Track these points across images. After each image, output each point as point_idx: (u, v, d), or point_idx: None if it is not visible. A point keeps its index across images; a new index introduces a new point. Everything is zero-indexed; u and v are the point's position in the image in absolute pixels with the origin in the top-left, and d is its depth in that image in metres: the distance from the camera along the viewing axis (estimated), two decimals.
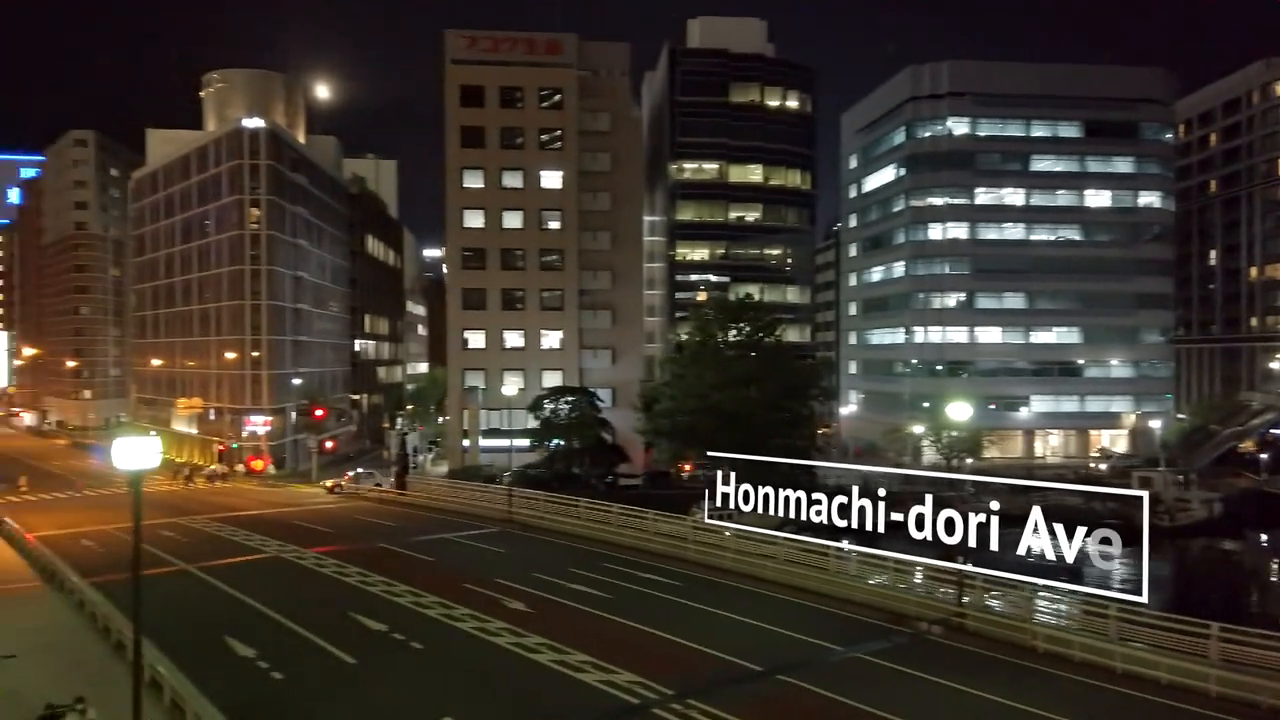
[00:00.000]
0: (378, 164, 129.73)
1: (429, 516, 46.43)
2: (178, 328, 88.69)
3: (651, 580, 30.05)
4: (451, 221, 73.52)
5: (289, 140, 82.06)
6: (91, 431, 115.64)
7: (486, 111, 72.79)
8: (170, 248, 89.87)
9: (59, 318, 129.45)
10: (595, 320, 74.22)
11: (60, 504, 56.49)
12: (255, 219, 75.52)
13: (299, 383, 79.47)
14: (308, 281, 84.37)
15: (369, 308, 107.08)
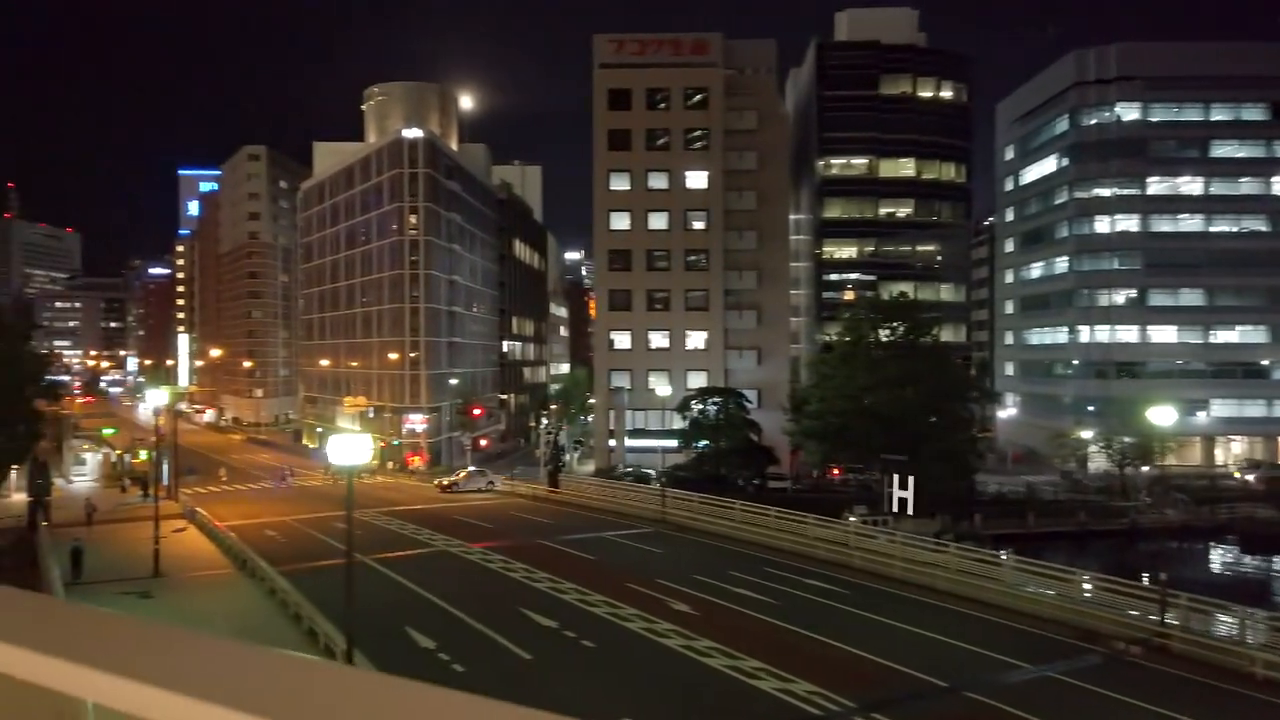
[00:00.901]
0: (523, 170, 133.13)
1: (582, 514, 47.04)
2: (341, 330, 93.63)
3: (816, 586, 29.30)
4: (598, 224, 74.54)
5: (444, 149, 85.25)
6: (263, 428, 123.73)
7: (633, 114, 73.44)
8: (335, 254, 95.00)
9: (234, 321, 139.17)
10: (740, 320, 73.64)
11: (241, 496, 60.46)
12: (413, 225, 78.78)
13: (454, 382, 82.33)
14: (461, 285, 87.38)
15: (516, 310, 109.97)
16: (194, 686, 0.88)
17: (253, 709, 0.82)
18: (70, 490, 60.95)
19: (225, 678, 0.93)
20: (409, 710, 0.85)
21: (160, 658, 0.97)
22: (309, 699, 0.86)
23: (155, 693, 0.88)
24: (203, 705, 0.84)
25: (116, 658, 0.95)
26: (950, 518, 52.17)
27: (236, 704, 0.83)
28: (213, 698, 0.85)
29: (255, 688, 0.89)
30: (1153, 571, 33.08)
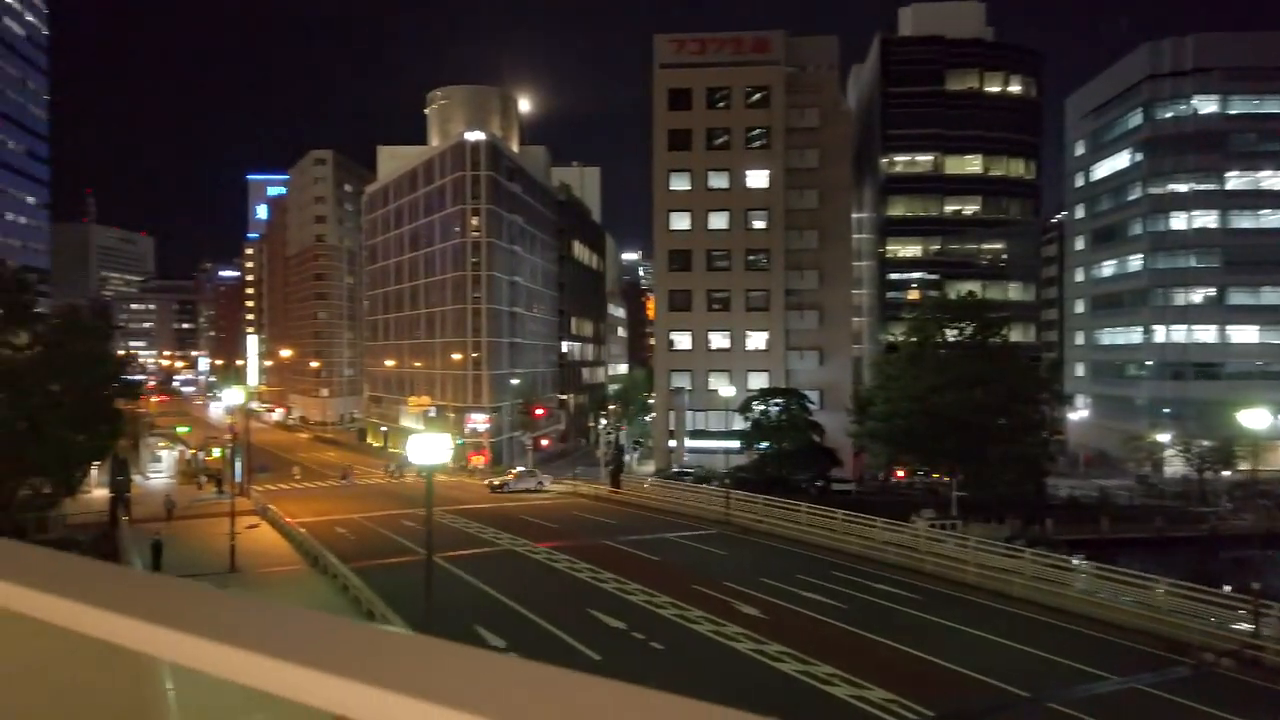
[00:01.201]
0: (582, 171, 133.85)
1: (644, 515, 47.00)
2: (405, 330, 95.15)
3: (886, 591, 28.78)
4: (658, 224, 74.49)
5: (505, 151, 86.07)
6: (329, 427, 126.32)
7: (693, 114, 73.26)
8: (399, 256, 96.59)
9: (300, 322, 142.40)
10: (802, 321, 72.93)
11: (310, 493, 61.75)
12: (476, 227, 79.66)
13: (515, 383, 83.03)
14: (522, 285, 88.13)
15: (575, 310, 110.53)
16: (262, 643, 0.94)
17: (339, 671, 0.86)
18: (147, 486, 62.98)
19: (293, 638, 0.99)
20: (486, 677, 0.89)
21: (231, 621, 1.04)
22: (394, 664, 0.88)
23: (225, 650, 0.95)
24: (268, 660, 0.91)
25: (189, 619, 1.03)
26: (1021, 522, 50.96)
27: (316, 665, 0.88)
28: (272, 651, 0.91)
29: (341, 651, 0.94)
30: (1237, 580, 31.84)
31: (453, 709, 0.77)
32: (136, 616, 1.06)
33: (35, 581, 1.19)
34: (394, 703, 0.78)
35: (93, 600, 1.10)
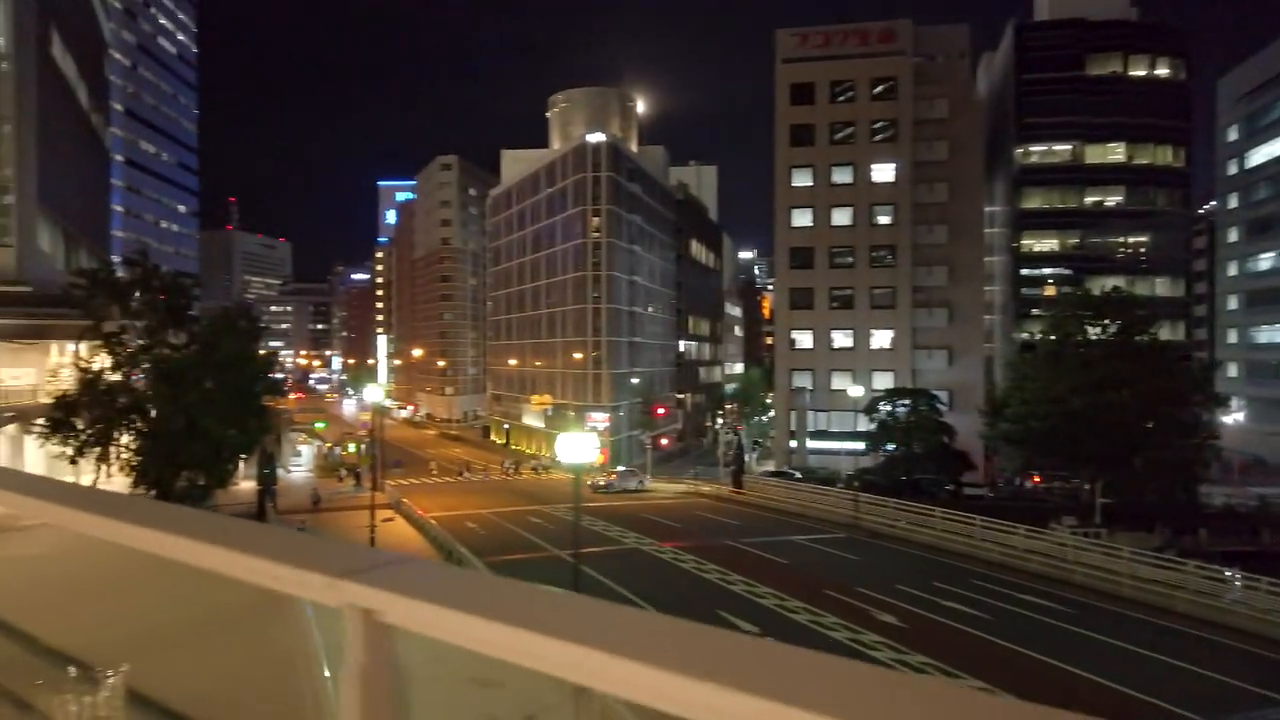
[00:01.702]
0: (699, 170, 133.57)
1: (768, 516, 46.36)
2: (527, 330, 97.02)
3: (1033, 602, 27.34)
4: (779, 221, 73.46)
5: (626, 152, 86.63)
6: (454, 424, 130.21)
7: (816, 108, 71.89)
8: (521, 257, 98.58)
9: (427, 322, 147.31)
10: (929, 319, 70.53)
11: (440, 488, 63.59)
12: (596, 227, 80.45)
13: (635, 382, 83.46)
14: (641, 285, 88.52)
15: (692, 309, 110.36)
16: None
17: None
18: (289, 479, 66.22)
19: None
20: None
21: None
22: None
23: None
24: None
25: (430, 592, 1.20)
26: (1171, 532, 47.74)
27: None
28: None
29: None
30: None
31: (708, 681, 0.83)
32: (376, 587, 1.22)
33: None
34: (639, 672, 0.85)
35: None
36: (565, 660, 1.00)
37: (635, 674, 0.93)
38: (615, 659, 0.95)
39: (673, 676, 0.89)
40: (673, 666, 0.89)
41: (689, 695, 0.88)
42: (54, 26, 65.91)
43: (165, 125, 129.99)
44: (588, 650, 0.98)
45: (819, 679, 0.86)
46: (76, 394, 43.10)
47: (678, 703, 0.88)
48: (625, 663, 0.94)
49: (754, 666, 0.92)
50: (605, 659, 0.96)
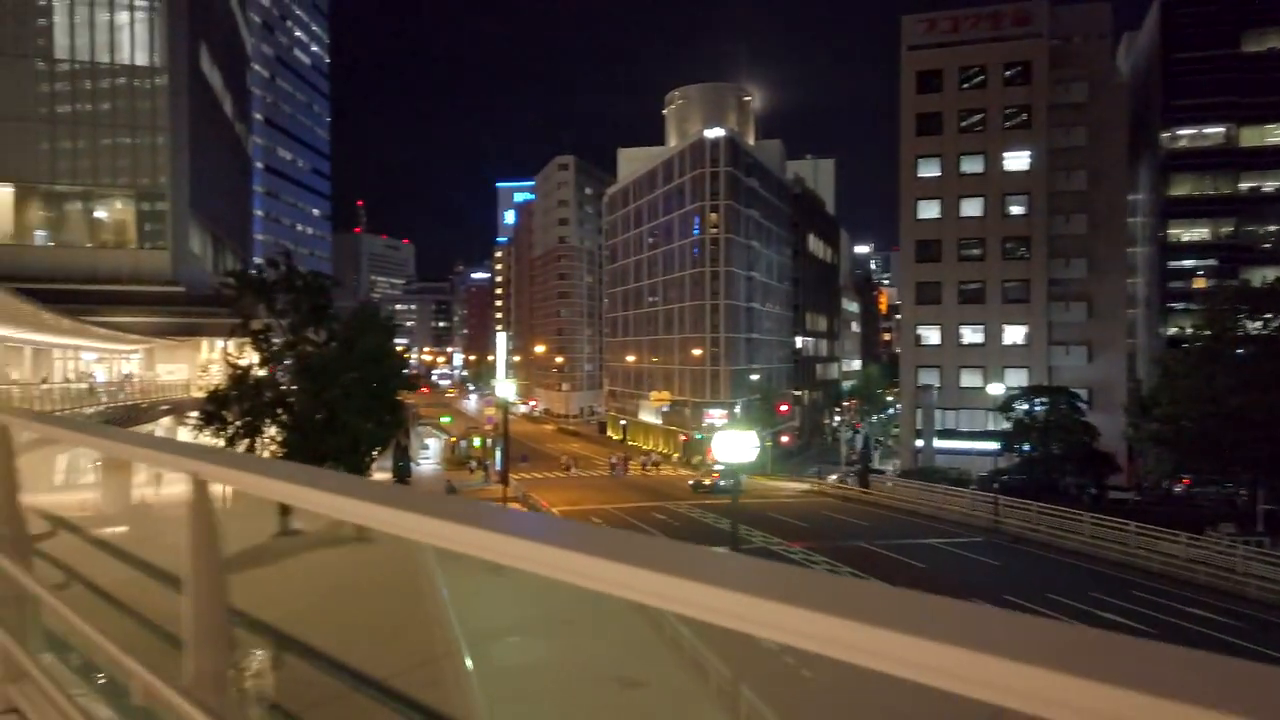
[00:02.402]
0: (815, 164, 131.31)
1: (897, 517, 44.98)
2: (644, 327, 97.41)
3: (1203, 618, 25.47)
4: (904, 213, 71.31)
5: (744, 146, 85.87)
6: (571, 419, 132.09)
7: (944, 96, 69.42)
8: (638, 254, 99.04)
9: (544, 320, 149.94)
10: (1067, 313, 67.12)
11: (564, 482, 64.48)
12: (714, 223, 80.00)
13: (755, 378, 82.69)
14: (758, 281, 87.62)
15: (809, 305, 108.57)
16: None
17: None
18: (419, 471, 68.41)
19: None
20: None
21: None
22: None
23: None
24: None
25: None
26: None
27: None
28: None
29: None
30: None
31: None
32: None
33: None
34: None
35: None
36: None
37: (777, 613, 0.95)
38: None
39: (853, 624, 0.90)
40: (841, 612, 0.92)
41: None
42: (203, 41, 69.96)
43: (301, 133, 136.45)
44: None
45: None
46: (227, 388, 45.56)
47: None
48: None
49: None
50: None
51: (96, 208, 62.69)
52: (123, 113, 61.94)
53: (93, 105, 61.38)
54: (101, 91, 61.47)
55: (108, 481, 3.51)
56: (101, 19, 60.98)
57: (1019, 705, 0.77)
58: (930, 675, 0.82)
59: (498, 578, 3.34)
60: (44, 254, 59.42)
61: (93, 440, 3.30)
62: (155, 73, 62.15)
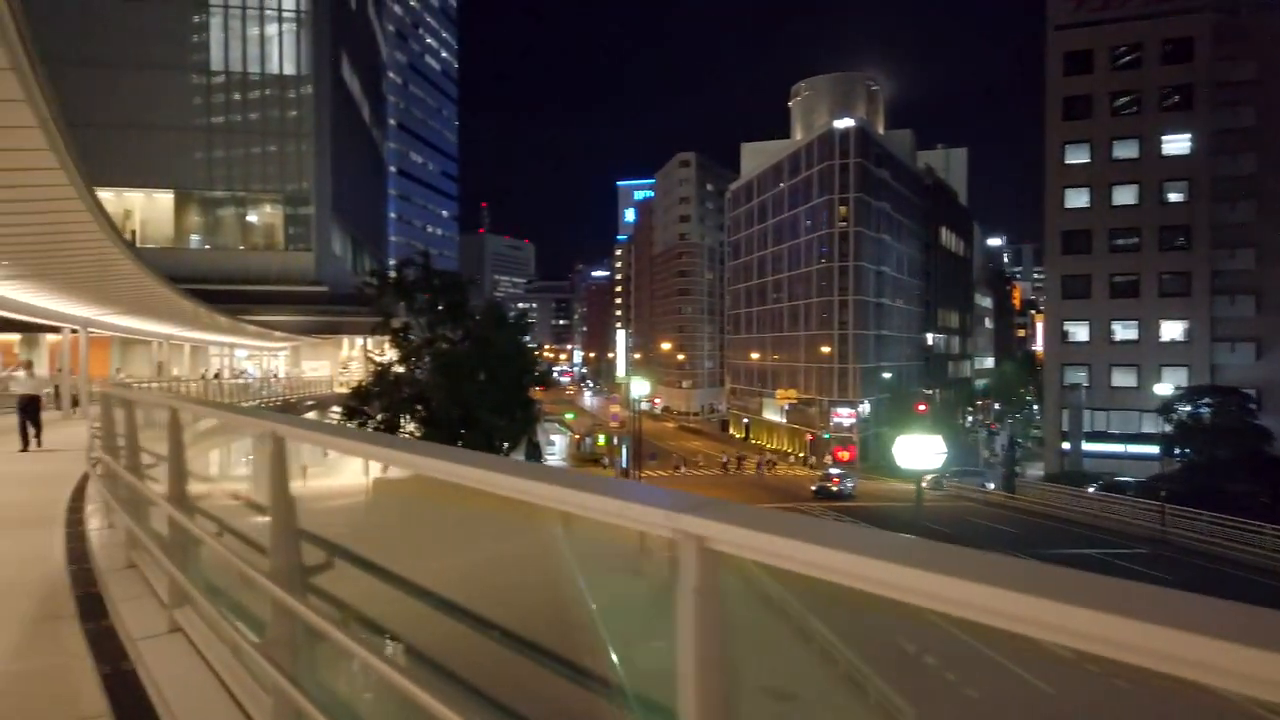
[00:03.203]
0: (947, 154, 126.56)
1: (1049, 525, 42.44)
2: (767, 324, 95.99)
3: None
4: (1050, 202, 67.55)
5: (875, 138, 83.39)
6: (691, 417, 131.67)
7: (1094, 77, 65.37)
8: (761, 250, 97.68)
9: (664, 317, 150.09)
10: (1233, 307, 62.07)
11: (692, 480, 64.08)
12: (843, 217, 77.98)
13: (887, 376, 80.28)
14: (888, 276, 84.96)
15: (940, 301, 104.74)
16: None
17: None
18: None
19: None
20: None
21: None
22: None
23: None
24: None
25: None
26: None
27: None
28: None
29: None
30: None
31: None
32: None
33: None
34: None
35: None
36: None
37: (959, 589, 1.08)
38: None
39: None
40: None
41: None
42: (344, 50, 72.78)
43: (431, 137, 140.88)
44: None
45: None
46: (369, 384, 47.08)
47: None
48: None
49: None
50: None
51: (247, 212, 66.09)
52: (271, 121, 65.06)
53: (244, 115, 64.68)
54: (252, 101, 64.72)
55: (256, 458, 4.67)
56: (252, 32, 64.19)
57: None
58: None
59: (636, 579, 3.07)
60: (199, 256, 63.02)
61: (255, 424, 3.80)
62: (301, 81, 65.02)
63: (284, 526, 2.97)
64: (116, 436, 7.48)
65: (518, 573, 3.11)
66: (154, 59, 60.69)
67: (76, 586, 5.97)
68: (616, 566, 3.11)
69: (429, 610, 2.56)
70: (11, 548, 7.62)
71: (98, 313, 28.41)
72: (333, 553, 3.03)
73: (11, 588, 6.14)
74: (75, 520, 8.75)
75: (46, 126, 8.99)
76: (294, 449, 3.05)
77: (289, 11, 63.75)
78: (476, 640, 2.44)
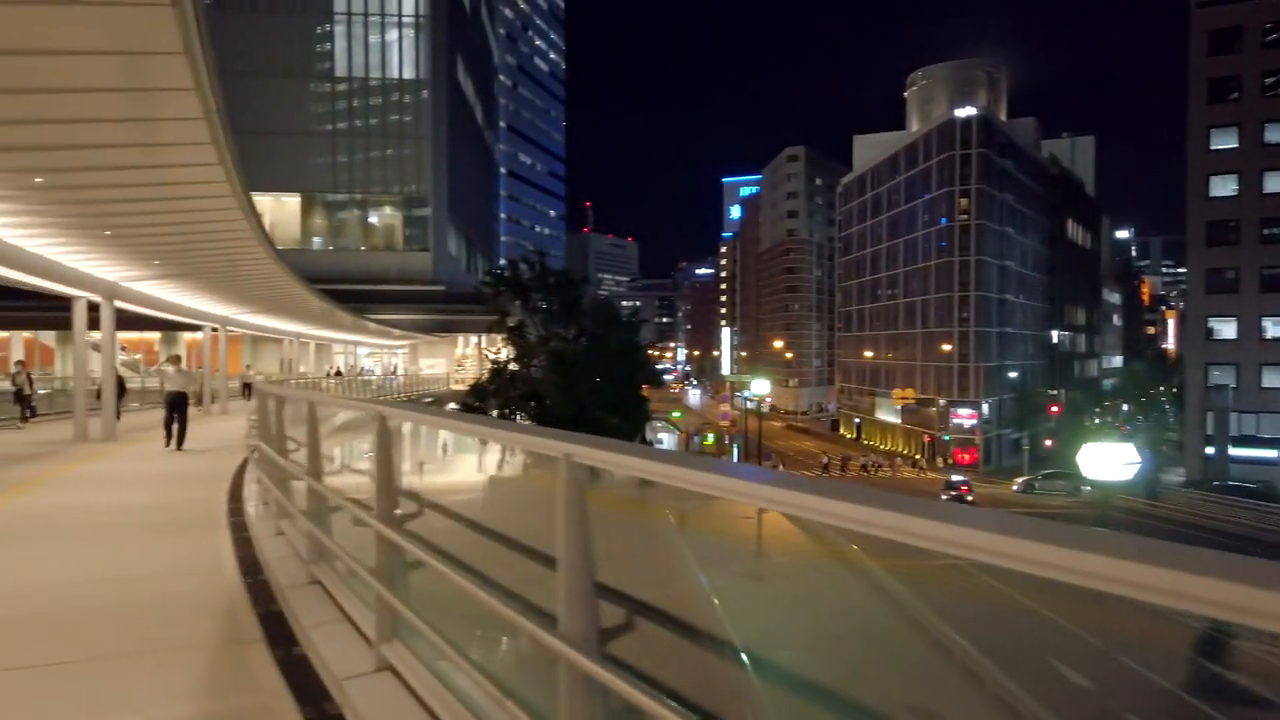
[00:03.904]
0: (1073, 142, 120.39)
1: (1199, 537, 39.42)
2: (881, 321, 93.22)
3: None
4: (1193, 191, 63.16)
5: (999, 127, 79.87)
6: (798, 416, 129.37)
7: (1243, 56, 60.76)
8: (875, 246, 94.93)
9: (771, 315, 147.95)
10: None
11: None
12: (964, 209, 74.93)
13: (1014, 375, 76.87)
14: (1012, 270, 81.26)
15: (1066, 296, 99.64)
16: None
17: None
18: None
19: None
20: None
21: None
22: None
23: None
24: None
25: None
26: None
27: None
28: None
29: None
30: None
31: None
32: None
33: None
34: None
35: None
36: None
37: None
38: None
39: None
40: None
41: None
42: (459, 54, 74.06)
43: (539, 138, 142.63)
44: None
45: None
46: (486, 381, 47.58)
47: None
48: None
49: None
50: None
51: (368, 214, 67.95)
52: (390, 125, 66.67)
53: (365, 119, 66.49)
54: (373, 106, 66.47)
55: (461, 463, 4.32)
56: (374, 39, 65.92)
57: None
58: None
59: (757, 583, 3.45)
60: (323, 256, 65.08)
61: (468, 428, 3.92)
62: (419, 85, 66.40)
63: (577, 573, 2.46)
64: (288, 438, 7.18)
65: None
66: (284, 67, 63.02)
67: (257, 604, 5.59)
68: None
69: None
70: (179, 555, 7.34)
71: (235, 311, 29.30)
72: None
73: (188, 603, 5.79)
74: (238, 524, 8.54)
75: (210, 119, 8.83)
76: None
77: (408, 17, 65.20)
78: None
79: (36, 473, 13.01)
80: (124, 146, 9.89)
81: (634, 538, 3.13)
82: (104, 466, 14.07)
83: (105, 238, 14.42)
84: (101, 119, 9.09)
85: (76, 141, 9.61)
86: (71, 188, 11.21)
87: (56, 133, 9.22)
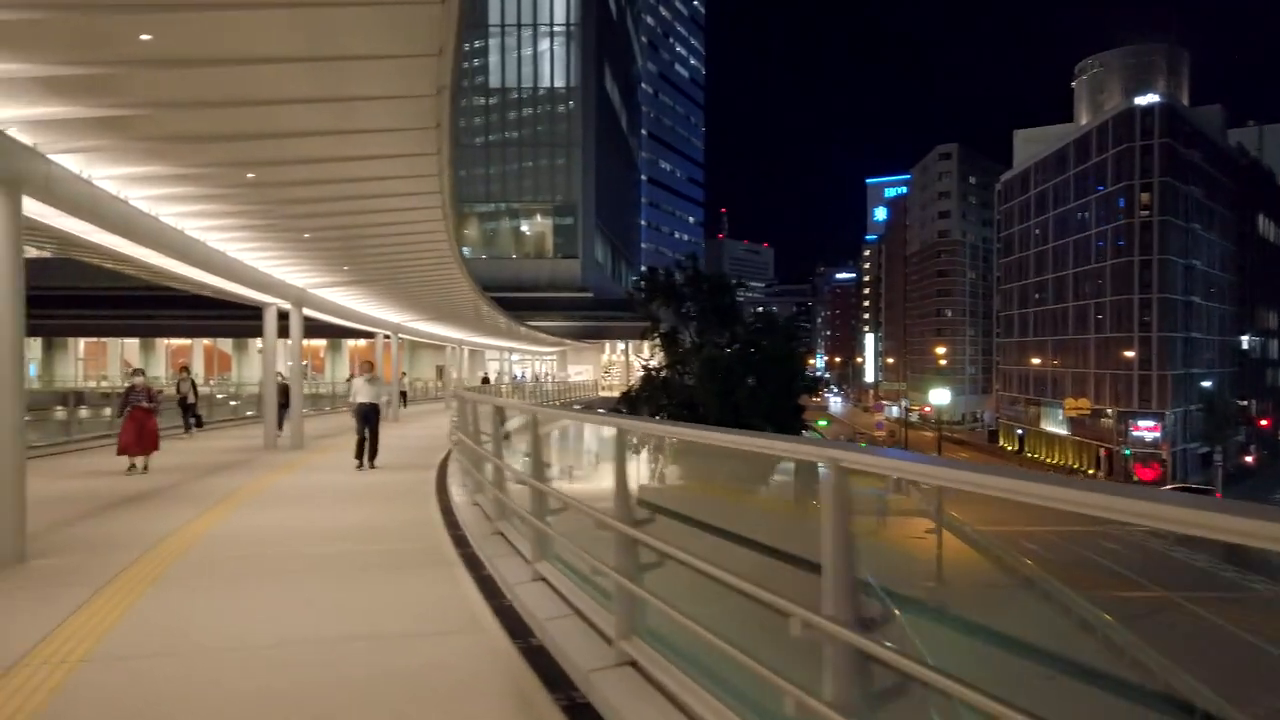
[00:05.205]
0: (1262, 131, 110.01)
1: None
2: (1048, 326, 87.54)
3: None
4: None
5: (1183, 114, 73.58)
6: (953, 426, 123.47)
7: None
8: (1040, 246, 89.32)
9: (920, 320, 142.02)
10: None
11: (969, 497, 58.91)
12: (1145, 204, 69.24)
13: (1207, 385, 70.54)
14: (1198, 271, 74.60)
15: (1258, 298, 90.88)
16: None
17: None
18: None
19: None
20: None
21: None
22: None
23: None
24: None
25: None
26: None
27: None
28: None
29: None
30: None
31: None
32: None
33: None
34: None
35: None
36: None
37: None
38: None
39: None
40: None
41: None
42: (606, 61, 74.25)
43: (679, 145, 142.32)
44: None
45: None
46: (639, 388, 46.91)
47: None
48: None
49: None
50: None
51: (520, 223, 68.86)
52: (541, 134, 67.38)
53: (517, 130, 67.42)
54: (525, 118, 67.32)
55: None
56: (525, 51, 66.78)
57: None
58: None
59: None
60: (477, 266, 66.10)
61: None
62: (568, 95, 66.83)
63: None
64: (545, 464, 6.21)
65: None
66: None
67: (553, 689, 4.20)
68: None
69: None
70: (421, 601, 6.14)
71: (408, 319, 29.52)
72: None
73: (457, 679, 4.52)
74: (468, 554, 7.64)
75: (440, 131, 8.14)
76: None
77: (559, 25, 65.74)
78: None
79: (235, 485, 12.70)
80: (325, 135, 9.19)
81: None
82: (301, 480, 13.74)
83: (304, 241, 14.17)
84: (313, 128, 8.52)
85: (277, 129, 9.00)
86: (278, 184, 10.74)
87: (257, 118, 8.57)
